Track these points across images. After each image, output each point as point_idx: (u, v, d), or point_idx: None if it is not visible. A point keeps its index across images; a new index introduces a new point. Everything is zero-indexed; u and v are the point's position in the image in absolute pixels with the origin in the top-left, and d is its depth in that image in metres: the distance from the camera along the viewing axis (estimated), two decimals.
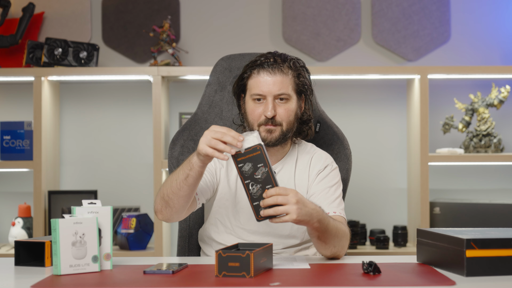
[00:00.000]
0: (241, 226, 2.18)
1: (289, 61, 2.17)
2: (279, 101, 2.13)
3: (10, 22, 3.71)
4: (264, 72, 2.13)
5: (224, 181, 2.22)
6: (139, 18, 3.79)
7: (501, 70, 3.49)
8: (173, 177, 1.97)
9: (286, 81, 2.14)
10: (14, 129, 3.51)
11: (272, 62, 2.14)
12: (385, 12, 3.75)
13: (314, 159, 2.24)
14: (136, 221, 3.43)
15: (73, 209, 1.84)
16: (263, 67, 2.13)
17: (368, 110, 3.77)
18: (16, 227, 3.49)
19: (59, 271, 1.77)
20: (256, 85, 2.14)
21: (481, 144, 3.54)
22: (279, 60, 2.15)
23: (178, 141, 2.45)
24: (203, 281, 1.70)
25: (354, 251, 3.41)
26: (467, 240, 1.70)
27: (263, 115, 2.13)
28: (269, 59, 2.15)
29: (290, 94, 2.15)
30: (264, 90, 2.12)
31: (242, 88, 2.20)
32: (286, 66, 2.15)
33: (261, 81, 2.13)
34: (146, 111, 3.75)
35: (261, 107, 2.14)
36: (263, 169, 1.82)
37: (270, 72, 2.13)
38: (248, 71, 2.17)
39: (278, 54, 2.18)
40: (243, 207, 2.19)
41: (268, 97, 2.12)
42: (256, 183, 1.83)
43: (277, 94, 2.12)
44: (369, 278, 1.71)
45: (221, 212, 2.20)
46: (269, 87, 2.12)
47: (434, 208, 3.52)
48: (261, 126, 2.14)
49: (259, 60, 2.16)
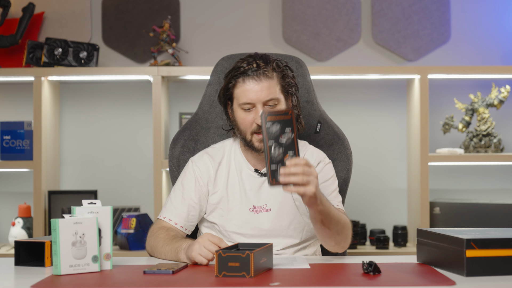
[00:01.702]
0: (237, 231, 2.18)
1: (272, 62, 2.14)
2: (268, 106, 2.11)
3: (10, 22, 3.71)
4: (249, 80, 2.10)
5: (213, 193, 2.21)
6: (139, 18, 3.79)
7: (501, 70, 3.49)
8: (162, 252, 2.07)
9: (272, 85, 2.11)
10: (14, 129, 3.51)
11: (255, 68, 2.10)
12: (385, 12, 3.75)
13: (307, 156, 2.23)
14: (136, 221, 3.43)
15: (73, 209, 1.84)
16: (248, 75, 2.10)
17: (368, 110, 3.77)
18: (16, 227, 3.49)
19: (59, 271, 1.77)
20: (243, 94, 2.11)
21: (481, 144, 3.54)
22: (262, 64, 2.11)
23: (178, 141, 2.45)
24: (203, 281, 1.70)
25: (354, 251, 3.41)
26: (467, 240, 1.70)
27: (254, 123, 2.11)
28: (251, 64, 2.11)
29: (278, 98, 2.12)
30: (253, 98, 2.10)
31: (228, 97, 2.18)
32: (270, 69, 2.12)
33: (248, 89, 2.10)
34: (146, 111, 3.75)
35: (251, 115, 2.12)
36: (290, 134, 1.81)
37: (256, 79, 2.09)
38: (232, 80, 2.13)
39: (259, 57, 2.14)
40: (237, 212, 2.18)
41: (257, 104, 2.10)
42: (279, 146, 1.81)
43: (266, 100, 2.10)
44: (369, 278, 1.71)
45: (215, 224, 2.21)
46: (257, 95, 2.09)
47: (434, 208, 3.52)
48: (254, 135, 2.13)
49: (242, 67, 2.12)
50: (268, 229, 2.17)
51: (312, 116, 2.45)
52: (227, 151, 2.25)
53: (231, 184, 2.20)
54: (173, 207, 2.19)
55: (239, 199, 2.18)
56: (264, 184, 2.19)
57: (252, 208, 2.18)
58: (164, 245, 2.07)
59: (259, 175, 2.20)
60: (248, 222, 2.17)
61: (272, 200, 2.18)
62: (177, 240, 2.06)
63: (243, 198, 2.18)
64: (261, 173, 2.20)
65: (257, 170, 2.21)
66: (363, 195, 3.75)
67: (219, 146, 2.28)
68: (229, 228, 2.18)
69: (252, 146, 2.14)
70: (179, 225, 2.18)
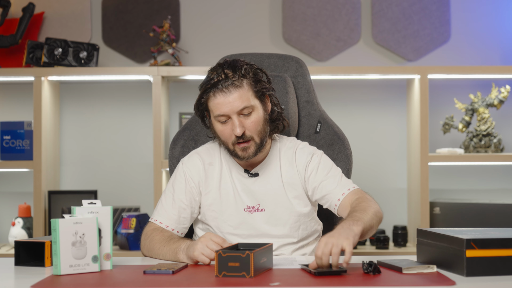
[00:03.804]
0: (233, 232, 2.18)
1: (240, 69, 2.10)
2: (243, 116, 2.10)
3: (10, 22, 3.71)
4: (219, 93, 2.08)
5: (205, 194, 2.20)
6: (139, 18, 3.79)
7: (501, 70, 3.49)
8: (159, 253, 2.07)
9: (243, 94, 2.09)
10: (14, 129, 3.51)
11: (224, 79, 2.08)
12: (385, 12, 3.75)
13: (298, 152, 2.22)
14: (136, 221, 3.43)
15: (73, 209, 1.84)
16: (217, 88, 2.08)
17: (368, 110, 3.77)
18: (16, 227, 3.49)
19: (59, 271, 1.77)
20: (216, 107, 2.10)
21: (481, 144, 3.54)
22: (230, 74, 2.09)
23: (178, 141, 2.45)
24: (203, 281, 1.70)
25: (354, 251, 3.39)
26: (467, 240, 1.70)
27: (232, 135, 2.11)
28: (220, 75, 2.09)
29: (253, 105, 2.10)
30: (226, 111, 2.08)
31: (204, 110, 2.17)
32: (239, 77, 2.09)
33: (219, 102, 2.08)
34: (146, 111, 3.75)
35: (228, 126, 2.10)
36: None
37: (225, 91, 2.07)
38: (204, 95, 2.12)
39: (227, 65, 2.11)
40: (232, 213, 2.17)
41: (231, 115, 2.09)
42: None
43: (240, 110, 2.08)
44: (369, 278, 1.71)
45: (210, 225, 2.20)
46: (229, 106, 2.08)
47: (434, 208, 3.52)
48: (235, 145, 2.12)
49: (212, 80, 2.10)
50: (263, 229, 2.16)
51: (312, 116, 2.45)
52: (217, 151, 2.24)
53: (224, 185, 2.19)
54: (163, 210, 2.19)
55: (233, 199, 2.18)
56: (255, 184, 2.19)
57: (246, 208, 2.17)
58: (161, 246, 2.06)
59: (249, 176, 2.19)
60: (243, 222, 2.17)
61: (265, 200, 2.17)
62: (175, 240, 2.06)
63: (237, 199, 2.18)
64: (251, 173, 2.19)
65: (247, 171, 2.20)
66: None
67: (210, 146, 2.27)
68: (224, 230, 2.18)
69: (236, 155, 2.13)
70: (170, 228, 2.17)
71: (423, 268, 1.77)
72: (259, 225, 2.16)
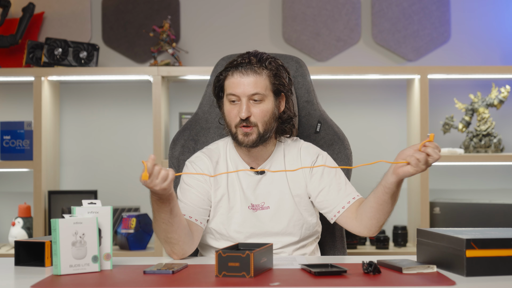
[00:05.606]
0: (237, 230, 2.18)
1: (265, 60, 2.15)
2: (253, 101, 2.12)
3: (10, 22, 3.71)
4: (237, 73, 2.13)
5: (214, 191, 2.20)
6: (139, 18, 3.79)
7: (501, 70, 3.49)
8: (157, 224, 2.04)
9: (260, 81, 2.12)
10: (14, 129, 3.51)
11: (246, 62, 2.13)
12: (385, 12, 3.75)
13: (303, 151, 2.24)
14: (136, 221, 3.43)
15: (73, 209, 1.84)
16: (237, 68, 2.13)
17: (368, 110, 3.77)
18: (16, 227, 3.49)
19: (59, 271, 1.77)
20: (230, 85, 2.14)
21: (481, 144, 3.54)
22: (253, 60, 2.14)
23: (178, 141, 2.45)
24: (203, 281, 1.70)
25: (354, 251, 3.41)
26: (467, 240, 1.70)
27: (238, 116, 2.13)
28: (245, 59, 2.14)
29: (265, 94, 2.13)
30: (238, 91, 2.12)
31: (220, 89, 2.20)
32: (260, 66, 2.13)
33: (235, 82, 2.12)
34: (146, 111, 3.75)
35: (236, 107, 2.13)
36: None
37: (243, 73, 2.12)
38: (224, 73, 2.17)
39: (254, 54, 2.17)
40: (237, 211, 2.18)
41: (242, 98, 2.12)
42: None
43: (251, 95, 2.11)
44: (369, 278, 1.71)
45: (216, 221, 2.20)
46: (242, 88, 2.11)
47: (434, 208, 3.52)
48: (238, 128, 2.13)
49: (235, 61, 2.15)
50: (267, 227, 2.17)
51: (312, 116, 2.45)
52: (222, 151, 2.25)
53: (231, 182, 2.20)
54: (182, 204, 2.17)
55: (239, 197, 2.19)
56: (261, 182, 2.19)
57: (251, 206, 2.18)
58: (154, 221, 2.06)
59: (255, 173, 2.20)
60: (248, 220, 2.17)
61: (270, 198, 2.18)
62: None
63: (242, 196, 2.18)
64: (257, 171, 2.20)
65: (252, 168, 2.20)
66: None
67: (213, 147, 2.28)
68: (229, 227, 2.18)
69: (237, 139, 2.15)
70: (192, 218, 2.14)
71: (423, 268, 1.77)
72: (263, 222, 2.17)
